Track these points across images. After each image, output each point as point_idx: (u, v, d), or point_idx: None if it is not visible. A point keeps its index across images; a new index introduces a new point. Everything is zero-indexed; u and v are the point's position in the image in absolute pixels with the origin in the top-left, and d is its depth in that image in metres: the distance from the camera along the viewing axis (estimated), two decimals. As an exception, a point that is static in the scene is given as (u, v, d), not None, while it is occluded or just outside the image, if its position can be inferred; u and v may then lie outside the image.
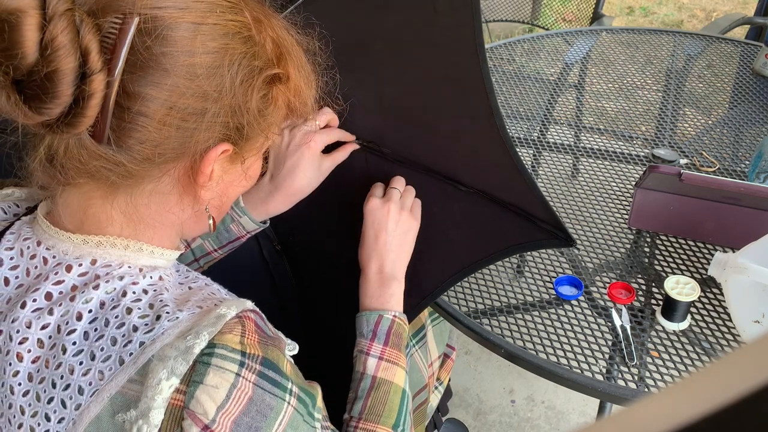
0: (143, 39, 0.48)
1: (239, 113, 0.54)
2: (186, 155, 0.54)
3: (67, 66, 0.46)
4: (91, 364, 0.52)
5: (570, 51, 1.85)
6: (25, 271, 0.58)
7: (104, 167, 0.52)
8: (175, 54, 0.50)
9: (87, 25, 0.46)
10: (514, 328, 0.96)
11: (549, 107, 1.58)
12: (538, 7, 2.62)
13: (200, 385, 0.51)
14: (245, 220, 0.85)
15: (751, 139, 1.43)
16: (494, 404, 1.73)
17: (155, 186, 0.56)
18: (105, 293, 0.55)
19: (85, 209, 0.57)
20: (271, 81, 0.57)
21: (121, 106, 0.49)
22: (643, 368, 0.89)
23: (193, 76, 0.51)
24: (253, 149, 0.60)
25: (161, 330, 0.53)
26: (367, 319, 0.78)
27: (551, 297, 1.02)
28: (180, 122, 0.52)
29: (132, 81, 0.49)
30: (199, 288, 0.61)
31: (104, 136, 0.50)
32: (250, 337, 0.54)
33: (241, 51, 0.53)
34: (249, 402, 0.52)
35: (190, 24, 0.50)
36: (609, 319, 0.97)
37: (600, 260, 1.09)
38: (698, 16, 4.15)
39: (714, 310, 0.98)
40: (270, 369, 0.54)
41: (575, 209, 1.20)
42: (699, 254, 1.08)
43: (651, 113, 1.55)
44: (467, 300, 1.02)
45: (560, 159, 1.38)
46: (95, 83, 0.47)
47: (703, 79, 1.68)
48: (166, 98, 0.50)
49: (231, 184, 0.62)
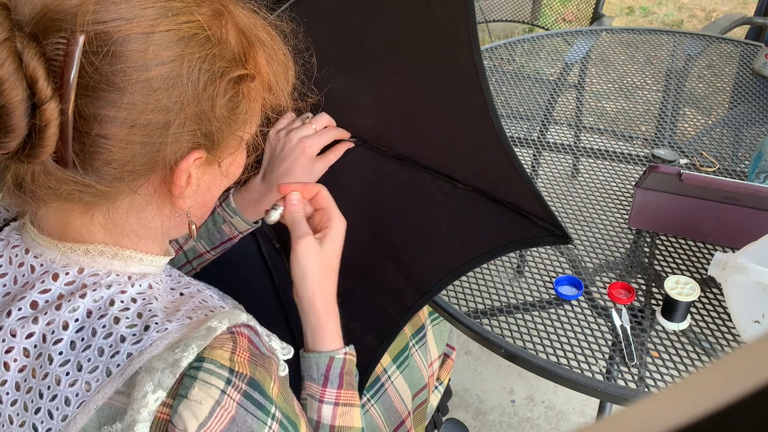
0: (91, 59, 0.46)
1: (206, 120, 0.52)
2: (157, 169, 0.52)
3: (15, 99, 0.43)
4: (78, 375, 0.51)
5: (570, 51, 1.85)
6: (12, 279, 0.57)
7: (75, 190, 0.50)
8: (128, 70, 0.47)
9: (30, 52, 0.44)
10: (514, 328, 0.96)
11: (549, 107, 1.58)
12: (538, 7, 2.62)
13: (184, 400, 0.50)
14: (237, 220, 0.84)
15: (751, 139, 1.43)
16: (494, 404, 1.73)
17: (131, 200, 0.55)
18: (92, 302, 0.54)
19: (66, 224, 0.56)
20: (237, 81, 0.53)
21: (80, 131, 0.47)
22: (643, 368, 0.89)
23: (150, 90, 0.48)
24: (228, 151, 0.57)
25: (149, 341, 0.51)
26: (317, 362, 0.71)
27: (551, 297, 1.02)
28: (144, 138, 0.49)
29: (87, 105, 0.46)
30: (191, 295, 0.60)
31: (69, 162, 0.48)
32: (241, 354, 0.53)
33: (199, 55, 0.50)
34: (231, 421, 0.51)
35: (140, 35, 0.47)
36: (609, 319, 0.97)
37: (600, 260, 1.09)
38: (698, 16, 4.15)
39: (714, 310, 0.98)
40: (256, 390, 0.53)
41: (575, 209, 1.20)
42: (699, 254, 1.08)
43: (651, 113, 1.55)
44: (467, 300, 1.02)
45: (560, 159, 1.38)
46: (48, 112, 0.45)
47: (703, 79, 1.68)
48: (125, 117, 0.48)
49: (210, 187, 0.60)
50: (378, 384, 0.98)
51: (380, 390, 0.98)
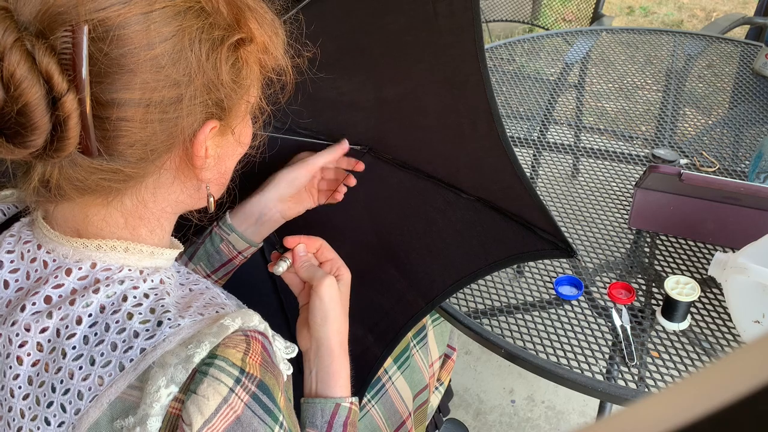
0: (99, 46, 0.47)
1: (215, 89, 0.53)
2: (177, 143, 0.54)
3: (35, 96, 0.45)
4: (91, 369, 0.52)
5: (570, 51, 1.85)
6: (25, 274, 0.58)
7: (104, 179, 0.52)
8: (135, 51, 0.48)
9: (40, 50, 0.45)
10: (514, 328, 0.96)
11: (549, 107, 1.58)
12: (538, 7, 2.62)
13: (192, 395, 0.50)
14: (234, 237, 0.83)
15: (751, 139, 1.43)
16: (494, 404, 1.73)
17: (157, 179, 0.56)
18: (105, 297, 0.54)
19: (84, 218, 0.57)
20: (236, 46, 0.55)
21: (100, 117, 0.49)
22: (643, 368, 0.89)
23: (158, 67, 0.50)
24: (239, 116, 0.59)
25: (162, 336, 0.52)
26: (322, 409, 0.69)
27: (551, 297, 1.02)
28: (161, 116, 0.51)
29: (102, 91, 0.48)
30: (200, 292, 0.60)
31: (94, 150, 0.49)
32: (253, 357, 0.53)
33: (197, 26, 0.51)
34: (236, 421, 0.51)
35: (140, 15, 0.48)
36: (609, 319, 0.97)
37: (600, 260, 1.09)
38: (698, 16, 4.15)
39: (714, 310, 0.98)
40: (265, 394, 0.53)
41: (575, 209, 1.20)
42: (699, 254, 1.08)
43: (651, 113, 1.55)
44: (467, 300, 1.02)
45: (560, 159, 1.38)
46: (67, 104, 0.46)
47: (703, 79, 1.69)
48: (139, 98, 0.49)
49: (227, 156, 0.62)
50: (379, 384, 0.98)
51: (381, 390, 0.98)
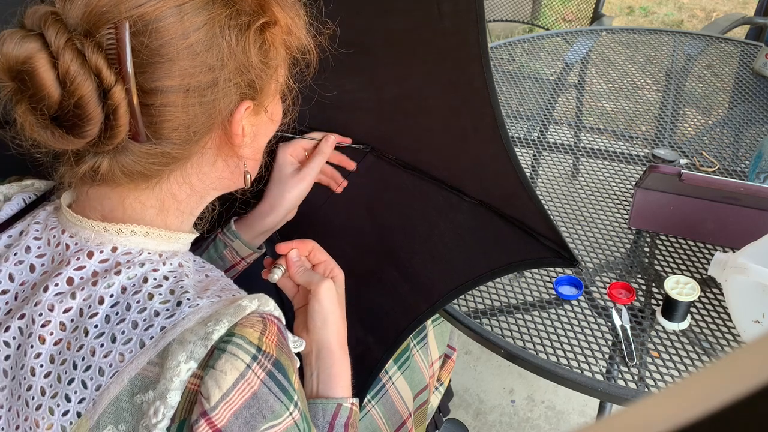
0: (140, 39, 0.52)
1: (246, 71, 0.58)
2: (216, 124, 0.59)
3: (88, 89, 0.51)
4: (112, 347, 0.54)
5: (570, 51, 1.85)
6: (50, 258, 0.61)
7: (154, 162, 0.57)
8: (172, 41, 0.53)
9: (89, 47, 0.51)
10: (514, 328, 0.96)
11: (549, 107, 1.58)
12: (538, 7, 2.62)
13: (211, 370, 0.52)
14: (237, 244, 0.85)
15: (751, 139, 1.43)
16: (494, 404, 1.73)
17: (200, 158, 0.61)
18: (127, 279, 0.57)
19: (120, 201, 0.60)
20: (261, 29, 0.59)
21: (146, 105, 0.53)
22: (643, 368, 0.89)
23: (194, 54, 0.54)
24: (270, 95, 0.64)
25: (182, 315, 0.54)
26: (324, 409, 0.70)
27: (551, 297, 1.02)
28: (200, 99, 0.55)
29: (146, 80, 0.53)
30: (216, 278, 0.63)
31: (142, 135, 0.54)
32: (270, 337, 0.55)
33: (225, 14, 0.56)
34: (252, 397, 0.52)
35: (174, 8, 0.53)
36: (609, 319, 0.97)
37: (600, 260, 1.09)
38: (698, 16, 4.15)
39: (714, 310, 0.98)
40: (280, 372, 0.54)
41: (575, 209, 1.20)
42: (699, 254, 1.08)
43: (651, 113, 1.55)
44: (467, 300, 1.02)
45: (560, 159, 1.38)
46: (116, 95, 0.51)
47: (703, 79, 1.69)
48: (179, 84, 0.54)
49: (261, 134, 0.66)
50: (379, 385, 0.98)
51: (381, 390, 0.98)
